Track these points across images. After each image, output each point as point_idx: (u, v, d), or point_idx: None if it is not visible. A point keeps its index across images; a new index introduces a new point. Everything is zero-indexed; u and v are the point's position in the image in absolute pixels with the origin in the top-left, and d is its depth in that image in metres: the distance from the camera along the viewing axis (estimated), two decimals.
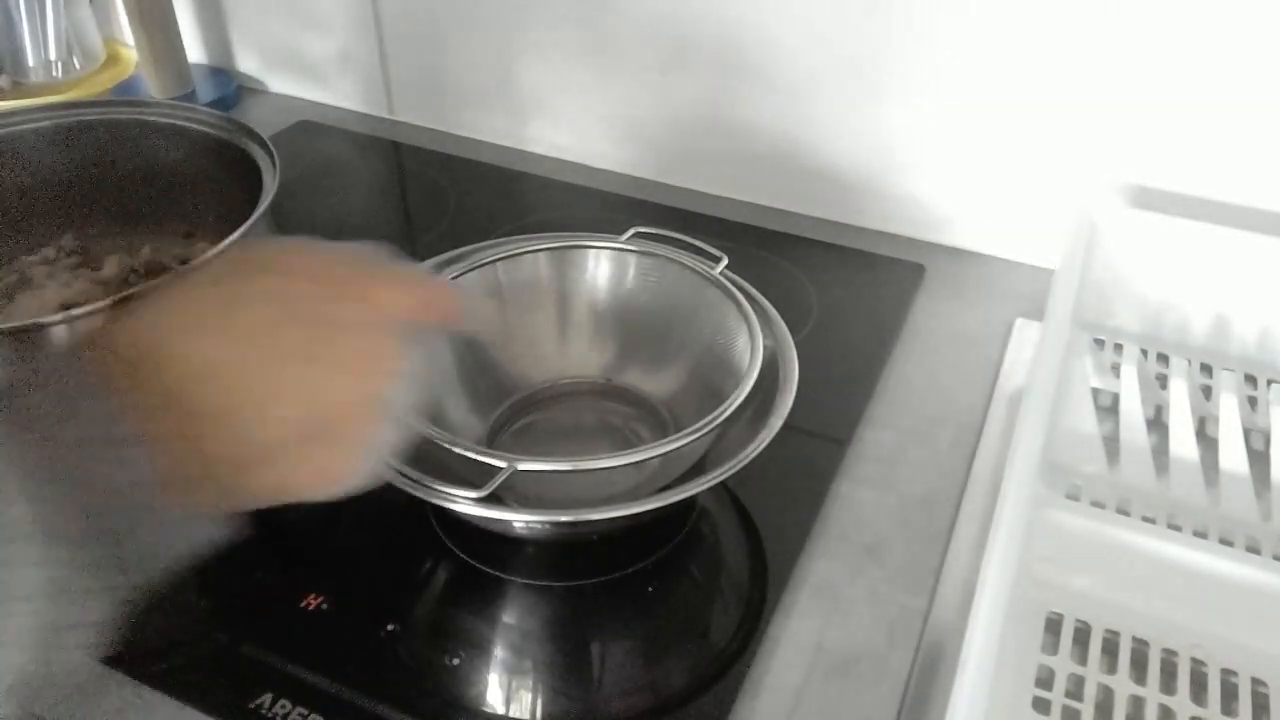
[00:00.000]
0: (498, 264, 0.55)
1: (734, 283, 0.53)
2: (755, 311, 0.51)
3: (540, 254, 0.56)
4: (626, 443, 0.54)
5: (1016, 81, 0.66)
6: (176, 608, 0.47)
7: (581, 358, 0.57)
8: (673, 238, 0.56)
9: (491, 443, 0.54)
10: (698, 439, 0.44)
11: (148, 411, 0.28)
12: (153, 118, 0.62)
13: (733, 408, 0.45)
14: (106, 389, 0.28)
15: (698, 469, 0.48)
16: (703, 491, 0.43)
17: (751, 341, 0.49)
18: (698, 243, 0.55)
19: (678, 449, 0.44)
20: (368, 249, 0.35)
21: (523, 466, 0.41)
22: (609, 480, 0.47)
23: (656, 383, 0.56)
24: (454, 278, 0.54)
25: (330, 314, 0.32)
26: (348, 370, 0.32)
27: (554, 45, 0.80)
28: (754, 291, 0.54)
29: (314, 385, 0.31)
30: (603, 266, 0.57)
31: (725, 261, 0.54)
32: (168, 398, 0.29)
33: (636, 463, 0.43)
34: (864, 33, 0.68)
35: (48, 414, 0.28)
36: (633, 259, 0.56)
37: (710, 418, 0.44)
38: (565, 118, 0.84)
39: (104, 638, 0.28)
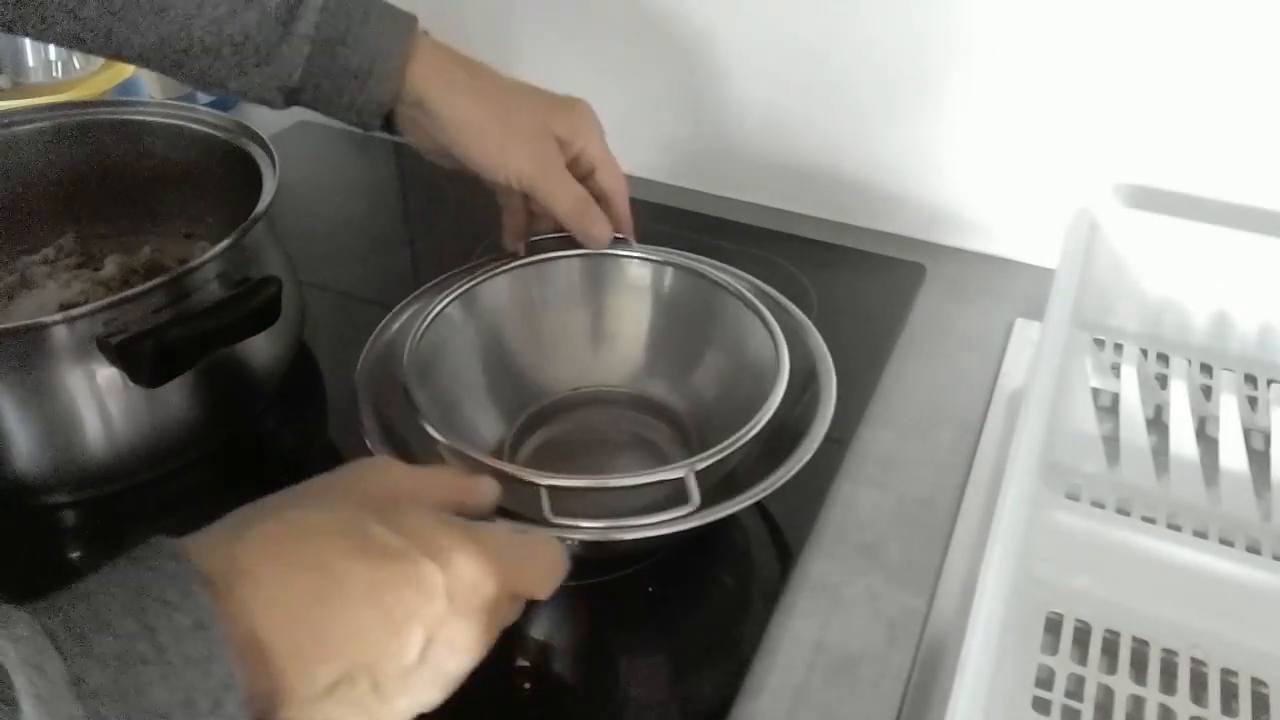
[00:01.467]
0: (528, 268, 0.55)
1: (771, 299, 0.53)
2: (799, 328, 0.52)
3: (575, 260, 0.56)
4: (650, 455, 0.54)
5: (1016, 82, 0.66)
6: None
7: (607, 366, 0.57)
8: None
9: (515, 448, 0.54)
10: (722, 458, 0.43)
11: (214, 630, 0.27)
12: (153, 118, 0.62)
13: (752, 433, 0.44)
14: (174, 601, 0.27)
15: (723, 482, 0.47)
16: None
17: (779, 364, 0.48)
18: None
19: (705, 468, 0.43)
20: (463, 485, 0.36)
21: (550, 483, 0.41)
22: (635, 493, 0.46)
23: (682, 395, 0.56)
24: (486, 278, 0.54)
25: (412, 576, 0.31)
26: (409, 635, 0.31)
27: (555, 44, 0.80)
28: (795, 311, 0.54)
29: (373, 642, 0.30)
30: (638, 277, 0.57)
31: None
32: (234, 620, 0.28)
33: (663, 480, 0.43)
34: (864, 37, 0.68)
35: (103, 619, 0.26)
36: (669, 271, 0.56)
37: (733, 439, 0.44)
38: None
39: None
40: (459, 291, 0.53)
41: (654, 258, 0.56)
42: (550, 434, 0.55)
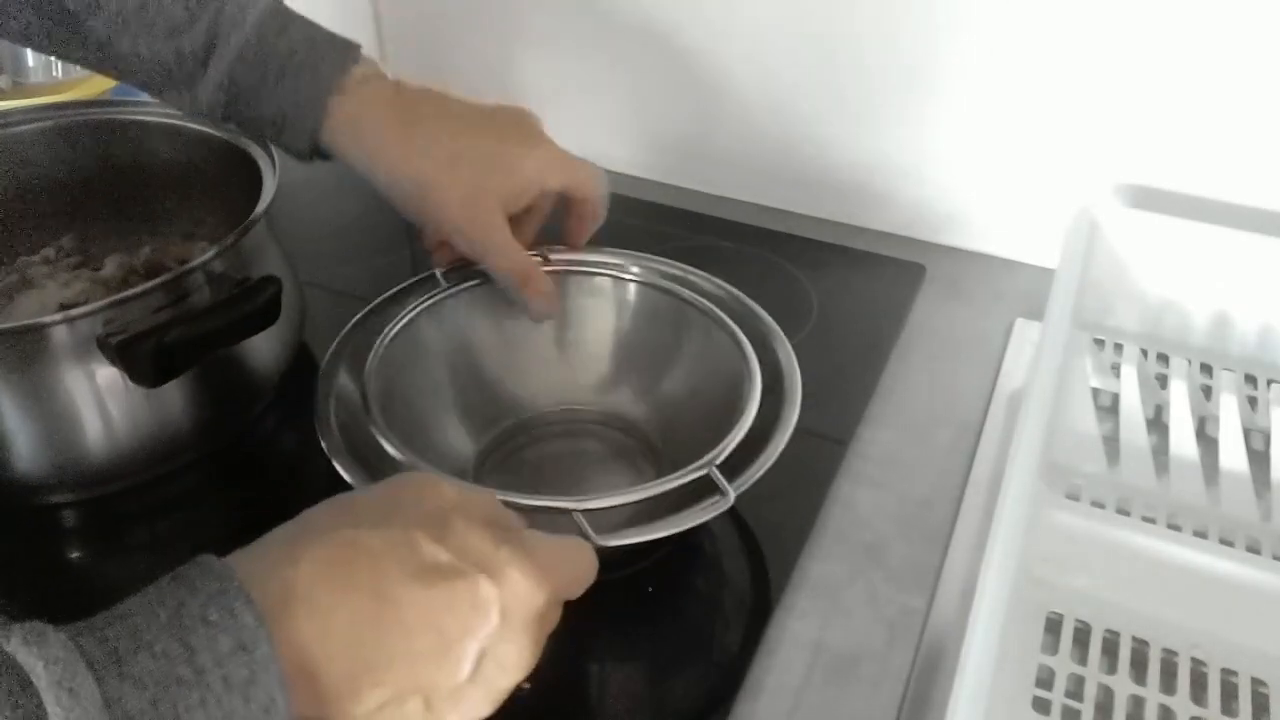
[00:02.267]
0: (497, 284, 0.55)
1: (736, 307, 0.53)
2: (763, 330, 0.51)
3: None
4: (627, 469, 0.54)
5: (1016, 82, 0.66)
6: None
7: (576, 382, 0.57)
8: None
9: (481, 467, 0.53)
10: (696, 478, 0.43)
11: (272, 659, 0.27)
12: (153, 118, 0.62)
13: (726, 453, 0.44)
14: (216, 620, 0.27)
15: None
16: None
17: (749, 381, 0.48)
18: (756, 308, 0.54)
19: (682, 485, 0.43)
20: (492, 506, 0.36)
21: (583, 507, 0.41)
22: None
23: (648, 408, 0.56)
24: (455, 291, 0.54)
25: (467, 595, 0.31)
26: (462, 655, 0.31)
27: (555, 45, 0.80)
28: (756, 308, 0.54)
29: (427, 665, 0.31)
30: (605, 292, 0.56)
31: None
32: (286, 644, 0.28)
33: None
34: (866, 36, 0.68)
35: (142, 639, 0.26)
36: (633, 287, 0.56)
37: (714, 453, 0.44)
38: (566, 117, 0.83)
39: None
40: (421, 307, 0.52)
41: (619, 274, 0.56)
42: (520, 454, 0.55)
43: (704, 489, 0.43)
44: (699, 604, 0.48)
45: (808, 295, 0.68)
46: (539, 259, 0.55)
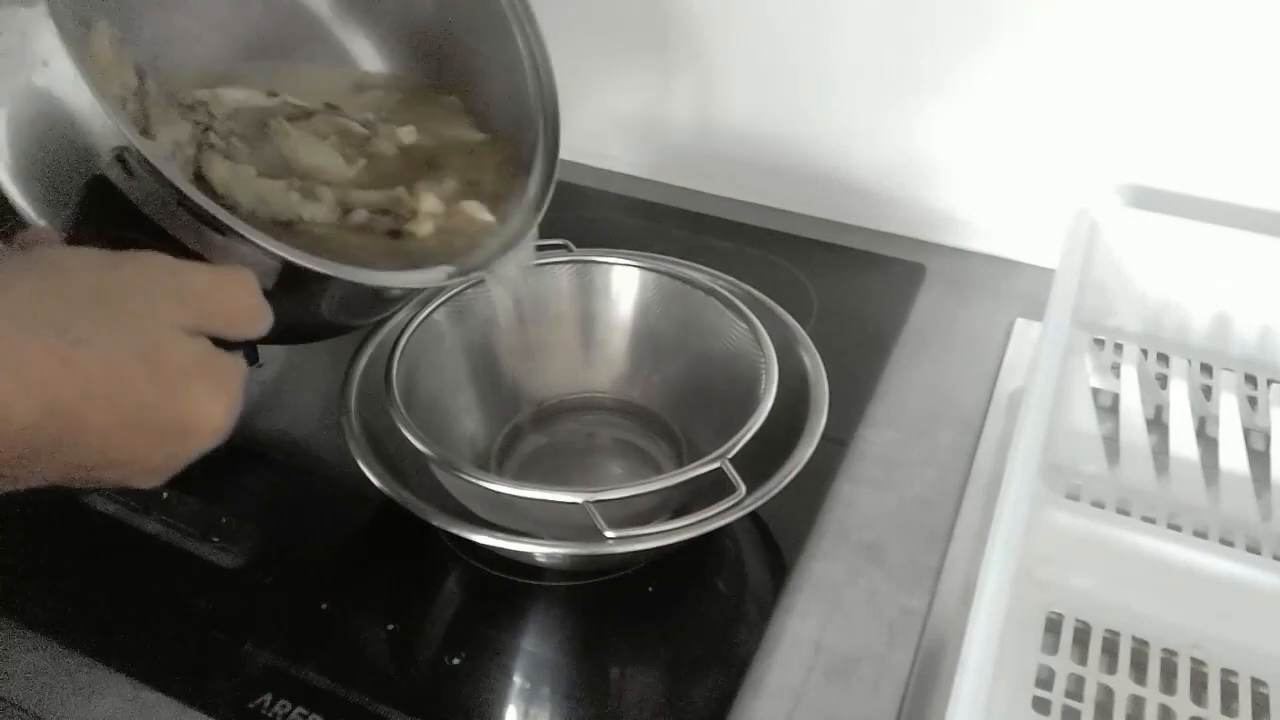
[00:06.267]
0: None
1: (758, 306, 0.53)
2: (787, 336, 0.52)
3: (563, 267, 0.56)
4: (640, 461, 0.54)
5: (1017, 82, 0.66)
6: (177, 607, 0.48)
7: (594, 373, 0.57)
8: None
9: (503, 457, 0.54)
10: (713, 468, 0.43)
11: None
12: None
13: (743, 441, 0.44)
14: None
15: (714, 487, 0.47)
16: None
17: (766, 375, 0.48)
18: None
19: (699, 475, 0.43)
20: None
21: (593, 498, 0.41)
22: (627, 502, 0.45)
23: (671, 401, 0.56)
24: (471, 285, 0.54)
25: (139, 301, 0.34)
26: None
27: (554, 44, 0.80)
28: (785, 315, 0.54)
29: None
30: (625, 283, 0.57)
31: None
32: None
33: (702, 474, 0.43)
34: (867, 36, 0.68)
35: None
36: (655, 278, 0.56)
37: (726, 447, 0.44)
38: (567, 118, 0.83)
39: None
40: (444, 299, 0.53)
41: (642, 264, 0.56)
42: (538, 442, 0.55)
43: (712, 487, 0.43)
44: (699, 603, 0.48)
45: (808, 295, 0.68)
46: (563, 249, 0.56)
